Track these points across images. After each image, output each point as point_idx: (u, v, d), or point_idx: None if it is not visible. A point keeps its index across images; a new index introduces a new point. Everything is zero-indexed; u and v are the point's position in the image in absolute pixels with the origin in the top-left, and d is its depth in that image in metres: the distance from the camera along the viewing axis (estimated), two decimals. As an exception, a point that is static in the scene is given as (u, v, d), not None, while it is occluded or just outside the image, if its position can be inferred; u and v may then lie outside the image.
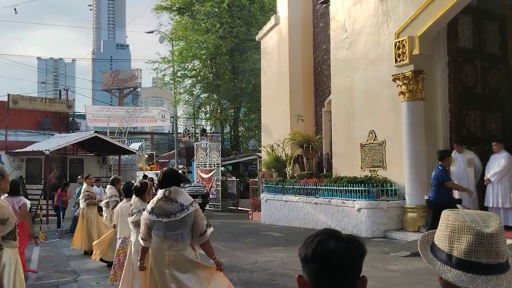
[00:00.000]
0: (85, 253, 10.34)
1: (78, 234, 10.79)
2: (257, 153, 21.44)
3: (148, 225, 4.39)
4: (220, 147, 22.32)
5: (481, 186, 9.96)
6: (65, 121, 25.65)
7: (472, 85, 11.69)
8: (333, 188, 12.04)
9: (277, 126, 16.75)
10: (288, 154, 15.02)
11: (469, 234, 1.39)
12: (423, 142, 10.76)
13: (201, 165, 22.36)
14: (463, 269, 1.39)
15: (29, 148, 19.19)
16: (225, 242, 10.71)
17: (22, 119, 23.29)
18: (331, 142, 14.08)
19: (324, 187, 12.38)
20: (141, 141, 32.62)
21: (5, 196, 5.33)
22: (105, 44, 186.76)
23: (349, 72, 12.84)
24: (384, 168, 11.67)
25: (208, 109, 29.04)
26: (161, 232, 4.29)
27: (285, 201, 13.88)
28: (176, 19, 27.91)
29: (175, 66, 27.26)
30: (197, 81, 27.44)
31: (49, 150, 17.32)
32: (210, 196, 20.75)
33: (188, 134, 29.95)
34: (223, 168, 22.96)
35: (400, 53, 10.85)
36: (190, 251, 4.33)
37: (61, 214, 14.20)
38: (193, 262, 4.30)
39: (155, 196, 4.60)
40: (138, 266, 4.79)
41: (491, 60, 12.13)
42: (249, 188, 19.32)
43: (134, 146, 28.41)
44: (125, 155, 21.44)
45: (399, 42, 10.87)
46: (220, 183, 21.11)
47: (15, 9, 40.01)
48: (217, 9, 25.34)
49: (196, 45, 25.98)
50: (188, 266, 4.26)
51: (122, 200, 7.43)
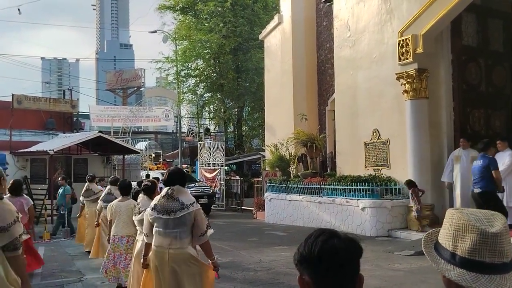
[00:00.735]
0: (88, 252, 10.38)
1: (83, 231, 10.90)
2: (260, 152, 21.42)
3: (150, 221, 4.48)
4: (223, 147, 22.34)
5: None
6: (69, 121, 25.76)
7: (476, 83, 11.67)
8: (337, 187, 12.01)
9: (280, 125, 16.74)
10: (292, 153, 15.01)
11: (474, 233, 1.38)
12: (427, 140, 10.73)
13: (205, 164, 22.36)
14: (466, 268, 1.38)
15: (33, 148, 19.27)
16: (229, 242, 10.73)
17: (26, 119, 23.42)
18: (335, 141, 14.05)
19: (328, 186, 12.36)
20: (147, 141, 32.71)
21: (8, 196, 5.30)
22: (108, 44, 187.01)
23: (352, 70, 12.82)
24: (388, 167, 11.65)
25: (211, 108, 29.01)
26: (161, 229, 4.37)
27: (289, 200, 13.86)
28: (180, 19, 27.92)
29: (178, 66, 27.25)
30: (200, 80, 27.44)
31: (53, 150, 17.39)
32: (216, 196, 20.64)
33: (192, 134, 29.98)
34: (226, 167, 22.93)
35: (404, 51, 10.83)
36: (190, 250, 4.36)
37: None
38: (192, 261, 4.33)
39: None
40: (141, 263, 4.82)
41: (495, 58, 12.10)
42: (253, 187, 19.25)
43: (140, 146, 28.50)
44: (129, 155, 21.48)
45: (402, 40, 10.85)
46: (224, 182, 21.10)
47: (19, 9, 40.24)
48: (220, 9, 25.35)
49: (199, 45, 26.00)
50: (187, 265, 4.30)
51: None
